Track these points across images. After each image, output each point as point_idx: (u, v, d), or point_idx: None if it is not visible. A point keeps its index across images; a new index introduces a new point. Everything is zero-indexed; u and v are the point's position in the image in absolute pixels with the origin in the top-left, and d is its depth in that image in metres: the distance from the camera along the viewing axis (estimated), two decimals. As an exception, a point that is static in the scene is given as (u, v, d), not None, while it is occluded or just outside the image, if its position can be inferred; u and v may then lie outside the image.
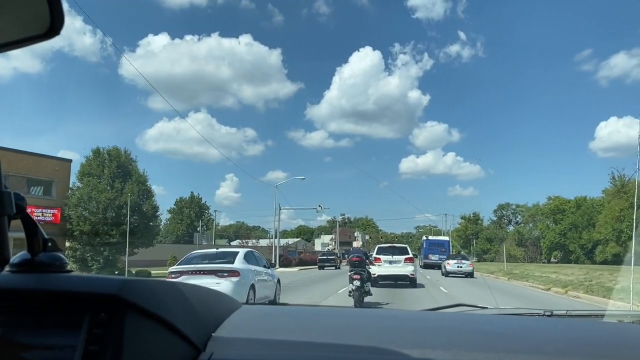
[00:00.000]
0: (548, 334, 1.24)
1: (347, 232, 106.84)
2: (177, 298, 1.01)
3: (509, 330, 1.28)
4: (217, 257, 12.40)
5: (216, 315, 1.17)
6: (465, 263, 30.99)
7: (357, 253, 13.39)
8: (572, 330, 1.32)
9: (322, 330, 1.22)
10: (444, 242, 47.87)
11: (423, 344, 1.07)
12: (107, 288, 0.89)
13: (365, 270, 12.90)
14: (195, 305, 1.06)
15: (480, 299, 15.68)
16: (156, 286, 0.95)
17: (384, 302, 13.84)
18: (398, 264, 20.44)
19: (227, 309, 1.27)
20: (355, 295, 12.36)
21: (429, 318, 1.50)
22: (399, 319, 1.46)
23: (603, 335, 1.29)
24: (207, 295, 1.23)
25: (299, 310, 1.61)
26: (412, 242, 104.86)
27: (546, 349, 1.05)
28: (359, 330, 1.21)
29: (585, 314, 1.88)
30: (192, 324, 1.02)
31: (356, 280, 12.40)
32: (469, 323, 1.39)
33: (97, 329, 0.86)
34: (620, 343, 1.18)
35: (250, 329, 1.19)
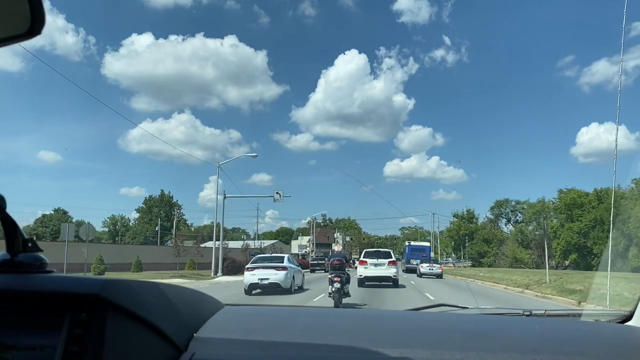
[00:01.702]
0: (526, 333, 1.30)
1: (326, 233, 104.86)
2: (159, 298, 1.02)
3: (488, 329, 1.32)
4: (272, 259, 20.58)
5: (198, 315, 1.19)
6: (436, 266, 37.94)
7: (338, 257, 14.22)
8: (550, 329, 1.36)
9: (303, 330, 1.24)
10: (424, 247, 51.27)
11: (402, 343, 1.10)
12: (88, 288, 0.88)
13: (345, 273, 13.66)
14: (177, 306, 1.07)
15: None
16: (138, 286, 0.96)
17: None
18: (382, 267, 22.59)
19: (209, 309, 1.29)
20: (335, 296, 13.22)
21: (410, 318, 1.54)
22: (380, 318, 1.50)
23: (578, 333, 1.34)
24: (189, 296, 1.23)
25: (281, 311, 1.64)
26: (396, 244, 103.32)
27: (523, 347, 1.10)
28: (340, 330, 1.25)
29: (563, 313, 1.93)
30: (174, 324, 1.02)
31: (336, 282, 13.24)
32: (449, 323, 1.43)
33: (78, 329, 0.85)
34: (594, 341, 1.23)
35: (232, 330, 1.20)
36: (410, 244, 54.07)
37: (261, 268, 19.16)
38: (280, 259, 20.46)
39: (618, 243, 43.99)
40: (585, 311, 1.80)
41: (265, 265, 19.27)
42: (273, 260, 20.19)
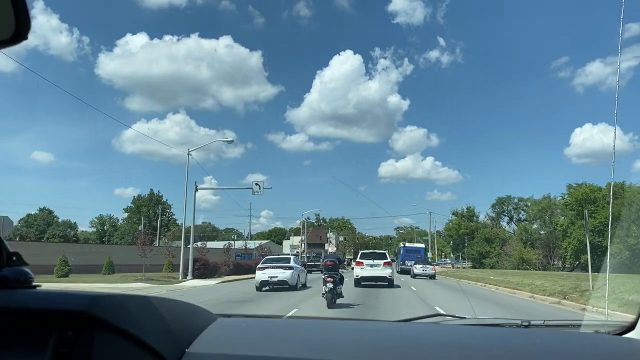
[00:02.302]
0: (525, 347, 1.28)
1: (319, 232, 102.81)
2: (149, 313, 1.00)
3: (486, 343, 1.31)
4: (280, 260, 23.43)
5: (190, 329, 1.16)
6: (429, 267, 38.71)
7: (331, 258, 14.60)
8: (549, 342, 1.34)
9: (297, 345, 1.23)
10: (419, 249, 51.62)
11: (399, 358, 1.08)
12: (75, 305, 0.85)
13: (338, 273, 13.91)
14: (168, 320, 1.04)
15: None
16: (127, 301, 0.94)
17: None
18: (378, 267, 23.41)
19: (202, 322, 1.26)
20: (328, 296, 13.46)
21: (407, 330, 1.52)
22: (377, 332, 1.49)
23: (578, 346, 1.32)
24: (181, 310, 1.21)
25: (275, 324, 1.64)
26: (391, 245, 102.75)
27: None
28: (336, 346, 1.22)
29: (562, 324, 1.90)
30: (165, 339, 1.00)
31: (329, 282, 13.49)
32: (446, 336, 1.41)
33: (64, 348, 0.82)
34: (593, 354, 1.22)
35: (225, 344, 1.19)
36: (405, 245, 54.25)
37: (271, 268, 21.79)
38: (287, 260, 23.29)
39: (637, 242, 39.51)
40: (585, 321, 1.76)
41: (275, 265, 22.08)
42: (281, 261, 22.94)
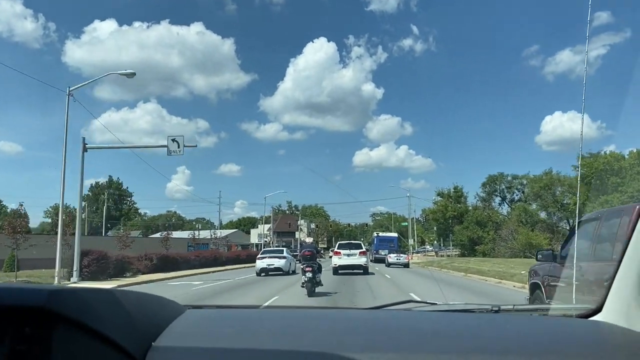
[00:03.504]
0: (495, 331, 1.31)
1: (288, 219, 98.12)
2: (113, 307, 0.96)
3: (457, 329, 1.33)
4: (276, 251, 30.11)
5: (157, 322, 1.13)
6: (403, 256, 40.26)
7: (309, 248, 14.95)
8: (518, 326, 1.39)
9: (267, 335, 1.22)
10: (393, 238, 52.76)
11: (372, 347, 1.08)
12: (32, 300, 0.81)
13: (316, 263, 14.30)
14: (133, 314, 1.01)
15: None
16: (88, 295, 0.90)
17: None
18: (354, 257, 25.64)
19: (169, 315, 1.24)
20: (307, 286, 13.85)
21: (378, 317, 1.54)
22: (348, 319, 1.50)
23: (545, 330, 1.34)
24: (148, 302, 1.18)
25: (244, 314, 1.62)
26: (367, 233, 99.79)
27: (492, 347, 1.11)
28: (306, 334, 1.23)
29: (531, 308, 1.97)
30: (130, 333, 0.96)
31: (308, 272, 13.79)
32: (418, 322, 1.43)
33: (21, 345, 0.78)
34: (561, 337, 1.25)
35: (193, 337, 1.15)
36: (379, 234, 55.74)
37: (268, 257, 27.64)
38: (281, 251, 29.76)
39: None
40: (553, 306, 1.79)
41: (271, 255, 28.17)
42: (276, 252, 29.49)
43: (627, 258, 1.26)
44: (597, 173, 45.53)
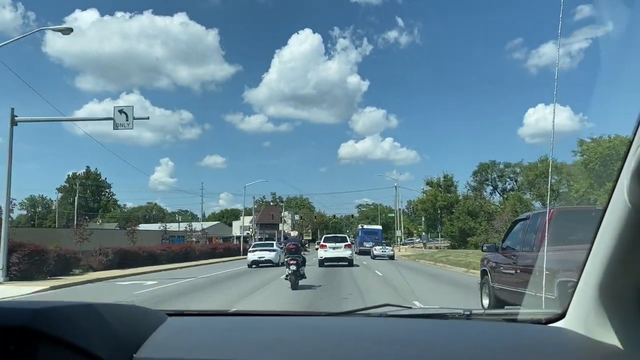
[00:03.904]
0: (461, 339, 1.37)
1: (271, 211, 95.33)
2: (94, 321, 0.97)
3: (426, 337, 1.40)
4: (266, 244, 31.84)
5: (138, 333, 1.16)
6: (388, 249, 39.71)
7: (293, 241, 15.10)
8: (484, 334, 1.46)
9: (245, 346, 1.27)
10: (377, 230, 53.70)
11: (342, 357, 1.15)
12: (15, 319, 0.81)
13: (300, 256, 14.48)
14: (114, 326, 1.02)
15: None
16: (70, 312, 0.91)
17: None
18: (339, 249, 26.61)
19: (150, 325, 1.27)
20: (291, 278, 13.87)
21: (351, 326, 1.61)
22: (321, 328, 1.56)
23: (510, 337, 1.42)
24: (128, 314, 1.22)
25: (224, 323, 1.69)
26: (352, 225, 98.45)
27: (460, 355, 1.18)
28: (282, 345, 1.28)
29: (501, 312, 2.01)
30: (111, 347, 0.98)
31: (292, 265, 13.84)
32: (388, 332, 1.50)
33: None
34: (525, 345, 1.31)
35: (174, 347, 1.20)
36: (364, 227, 56.58)
37: (259, 250, 29.52)
38: (271, 244, 31.55)
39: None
40: (522, 311, 1.85)
41: (262, 248, 30.00)
42: (267, 245, 31.18)
43: (588, 268, 1.25)
44: (601, 158, 42.46)
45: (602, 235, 1.15)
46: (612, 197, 1.08)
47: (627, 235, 1.04)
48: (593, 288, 1.23)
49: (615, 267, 1.13)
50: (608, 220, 1.11)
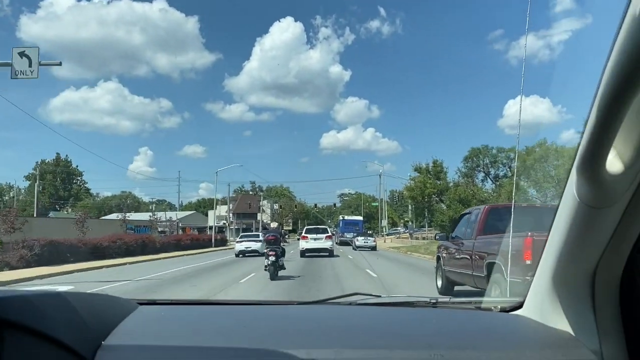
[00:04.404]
0: (425, 326, 1.44)
1: (248, 199, 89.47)
2: (62, 309, 0.97)
3: (393, 324, 1.45)
4: (252, 235, 33.16)
5: (107, 322, 1.17)
6: (370, 239, 38.16)
7: (273, 232, 15.28)
8: (448, 321, 1.52)
9: (214, 333, 1.30)
10: (357, 221, 53.75)
11: (309, 343, 1.17)
12: None
13: (279, 247, 14.57)
14: (82, 314, 1.03)
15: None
16: (36, 300, 0.90)
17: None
18: (320, 240, 26.99)
19: (120, 313, 1.28)
20: (270, 269, 14.01)
21: (321, 313, 1.65)
22: (292, 316, 1.60)
23: (472, 324, 1.48)
24: (97, 302, 1.23)
25: (194, 311, 1.69)
26: (335, 213, 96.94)
27: (420, 342, 1.22)
28: (250, 332, 1.31)
29: (465, 301, 2.06)
30: (79, 334, 0.98)
31: (271, 256, 14.00)
32: (356, 318, 1.54)
33: None
34: (485, 331, 1.38)
35: (143, 335, 1.22)
36: (344, 218, 56.34)
37: (246, 241, 30.52)
38: (257, 235, 31.68)
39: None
40: (485, 299, 1.90)
41: (249, 239, 30.86)
42: (253, 236, 32.05)
43: (543, 259, 1.30)
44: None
45: (555, 228, 1.21)
46: (564, 192, 1.14)
47: (577, 228, 1.10)
48: (547, 278, 1.29)
49: (566, 258, 1.18)
50: (560, 214, 1.16)
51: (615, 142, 0.87)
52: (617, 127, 0.84)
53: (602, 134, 0.86)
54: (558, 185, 46.21)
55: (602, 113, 0.83)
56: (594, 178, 0.94)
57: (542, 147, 48.02)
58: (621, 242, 1.08)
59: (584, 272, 1.17)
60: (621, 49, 0.74)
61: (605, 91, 0.80)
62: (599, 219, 1.03)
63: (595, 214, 1.02)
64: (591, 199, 1.00)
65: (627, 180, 0.94)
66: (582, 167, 0.95)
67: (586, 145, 0.90)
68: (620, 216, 1.02)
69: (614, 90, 0.78)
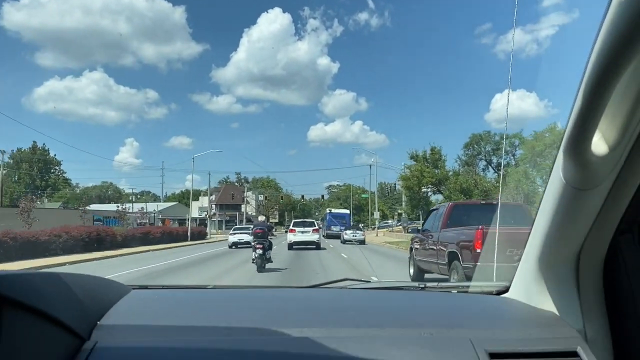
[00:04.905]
0: (415, 307, 1.47)
1: (231, 190, 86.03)
2: (58, 289, 0.98)
3: (382, 305, 1.48)
4: (245, 228, 32.94)
5: (102, 303, 1.19)
6: (359, 233, 36.53)
7: (260, 226, 15.58)
8: (436, 303, 1.56)
9: (208, 313, 1.32)
10: (345, 215, 53.06)
11: (302, 322, 1.19)
12: None
13: (267, 240, 15.18)
14: (78, 295, 1.04)
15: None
16: (34, 279, 0.91)
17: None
18: (307, 234, 27.28)
19: (114, 295, 1.30)
20: (257, 262, 14.64)
21: (313, 296, 1.66)
22: (284, 298, 1.63)
23: (461, 305, 1.52)
24: (93, 284, 1.24)
25: (188, 294, 1.68)
26: (322, 206, 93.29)
27: (410, 321, 1.26)
28: (245, 313, 1.33)
29: (453, 286, 2.11)
30: (75, 313, 1.00)
31: (259, 249, 14.56)
32: (347, 300, 1.57)
33: None
34: (473, 312, 1.42)
35: (138, 315, 1.24)
36: (331, 211, 55.98)
37: (239, 233, 31.97)
38: (248, 228, 27.43)
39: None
40: (472, 284, 1.90)
41: (242, 232, 31.77)
42: (245, 229, 31.65)
43: (530, 242, 1.33)
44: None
45: (541, 211, 1.22)
46: (550, 175, 1.14)
47: (563, 209, 1.11)
48: (533, 261, 1.31)
49: (552, 240, 1.20)
50: (547, 197, 1.17)
51: (601, 124, 0.89)
52: (602, 110, 0.86)
53: (587, 116, 0.87)
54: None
55: (588, 95, 0.84)
56: (580, 160, 0.96)
57: (553, 131, 43.36)
58: (605, 224, 1.11)
59: (569, 254, 1.19)
60: (608, 32, 0.75)
61: (592, 73, 0.81)
62: (584, 200, 1.06)
63: (581, 195, 1.04)
64: (577, 180, 1.02)
65: (612, 162, 0.96)
66: (568, 149, 0.97)
67: (572, 128, 0.92)
68: (605, 198, 1.04)
69: (600, 72, 0.79)
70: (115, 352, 1.00)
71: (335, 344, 1.05)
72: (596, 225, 1.10)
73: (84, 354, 0.96)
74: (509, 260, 1.90)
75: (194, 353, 1.02)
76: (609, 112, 0.87)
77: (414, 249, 12.20)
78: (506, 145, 50.41)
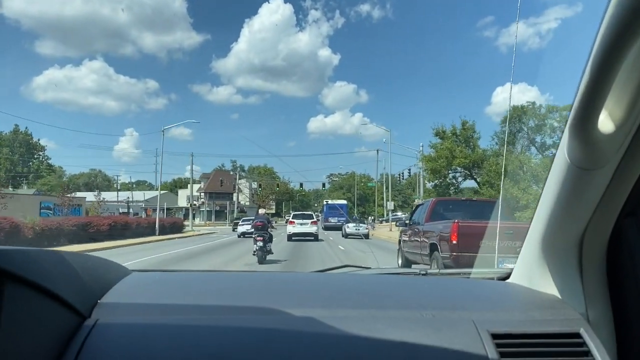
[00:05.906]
0: (417, 291, 1.47)
1: (221, 176, 77.95)
2: (60, 266, 0.98)
3: (383, 288, 1.49)
4: (251, 219, 26.89)
5: (103, 282, 1.20)
6: (362, 226, 34.38)
7: (261, 219, 15.85)
8: (438, 287, 1.57)
9: (210, 294, 1.32)
10: (342, 205, 53.42)
11: (304, 303, 1.21)
12: None
13: (267, 233, 15.34)
14: (80, 273, 1.06)
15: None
16: (37, 255, 0.91)
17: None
18: (306, 225, 27.99)
19: (115, 276, 1.31)
20: (258, 254, 14.75)
21: (314, 280, 1.66)
22: (287, 282, 1.62)
23: (463, 290, 1.52)
24: (94, 263, 1.25)
25: (189, 276, 1.65)
26: (322, 196, 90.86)
27: (412, 303, 1.25)
28: (247, 293, 1.34)
29: (455, 272, 2.11)
30: (77, 291, 1.01)
31: (259, 241, 14.70)
32: (349, 283, 1.58)
33: None
34: (475, 296, 1.42)
35: (138, 295, 1.24)
36: (328, 202, 54.79)
37: (247, 224, 31.49)
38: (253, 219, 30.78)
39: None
40: (474, 270, 1.90)
41: (248, 223, 29.64)
42: (251, 220, 29.50)
43: (533, 225, 1.33)
44: None
45: (545, 194, 1.21)
46: (554, 157, 1.13)
47: (567, 190, 1.09)
48: (535, 245, 1.31)
49: (555, 222, 1.20)
50: (550, 179, 1.15)
51: (607, 103, 0.87)
52: (609, 87, 0.84)
53: (594, 95, 0.85)
54: None
55: (595, 72, 0.82)
56: (586, 139, 0.94)
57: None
58: (609, 205, 1.09)
59: (572, 237, 1.18)
60: (616, 7, 0.73)
61: (599, 50, 0.79)
62: (589, 181, 1.03)
63: (586, 175, 1.01)
64: (582, 160, 0.99)
65: (618, 142, 0.94)
66: (574, 128, 0.94)
67: (578, 106, 0.90)
68: (610, 179, 1.02)
69: (607, 48, 0.77)
70: (117, 329, 0.99)
71: (337, 324, 1.06)
72: (600, 207, 1.07)
73: (85, 331, 0.96)
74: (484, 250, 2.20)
75: (198, 329, 1.01)
76: (617, 89, 0.84)
77: (402, 240, 13.08)
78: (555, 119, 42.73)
